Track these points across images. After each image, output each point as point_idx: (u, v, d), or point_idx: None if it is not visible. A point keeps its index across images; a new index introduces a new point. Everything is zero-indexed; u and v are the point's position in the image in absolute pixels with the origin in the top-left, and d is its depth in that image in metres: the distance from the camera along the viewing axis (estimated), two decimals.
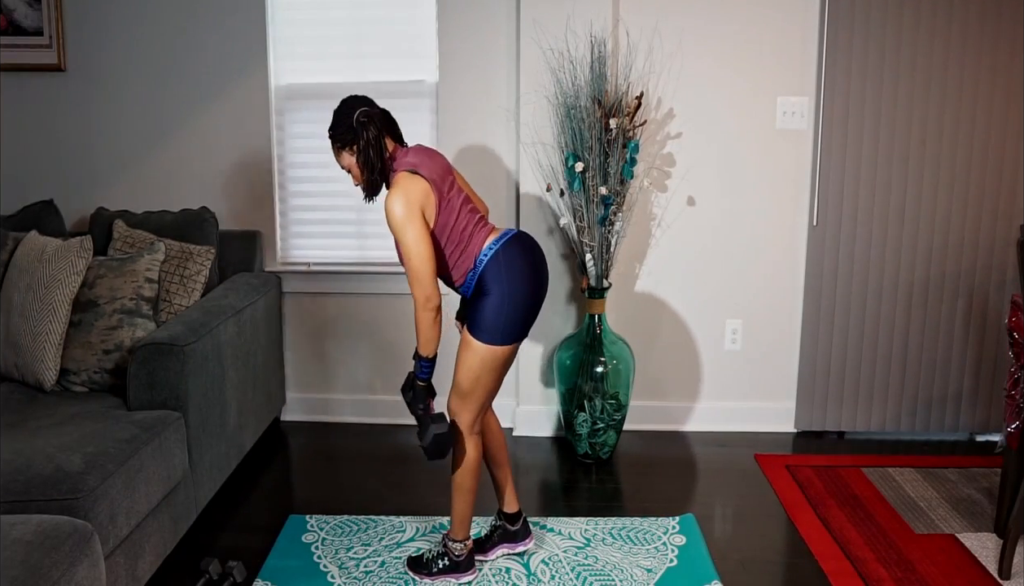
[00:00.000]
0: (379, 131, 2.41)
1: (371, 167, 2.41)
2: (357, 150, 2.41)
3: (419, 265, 2.31)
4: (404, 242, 2.32)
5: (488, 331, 2.40)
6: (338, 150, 2.45)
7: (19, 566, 1.59)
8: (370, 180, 2.43)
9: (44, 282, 2.85)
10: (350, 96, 2.46)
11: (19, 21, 3.62)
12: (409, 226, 2.31)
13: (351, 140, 2.41)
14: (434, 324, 2.35)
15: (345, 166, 2.47)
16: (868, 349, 3.64)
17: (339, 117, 2.43)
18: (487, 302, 2.40)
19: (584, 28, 3.40)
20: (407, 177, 2.36)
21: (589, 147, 3.26)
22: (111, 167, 3.73)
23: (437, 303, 2.34)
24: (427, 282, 2.32)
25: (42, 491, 2.13)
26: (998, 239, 3.56)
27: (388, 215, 2.31)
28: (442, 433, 2.41)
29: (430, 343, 2.38)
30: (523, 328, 2.45)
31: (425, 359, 2.40)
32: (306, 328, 3.83)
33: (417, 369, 2.43)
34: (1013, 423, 2.69)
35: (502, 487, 2.72)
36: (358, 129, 2.39)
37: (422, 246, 2.31)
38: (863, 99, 3.48)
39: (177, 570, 2.66)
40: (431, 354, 2.39)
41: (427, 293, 2.32)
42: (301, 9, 3.62)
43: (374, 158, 2.40)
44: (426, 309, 2.33)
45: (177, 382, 2.67)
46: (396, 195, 2.32)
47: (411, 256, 2.31)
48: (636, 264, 3.68)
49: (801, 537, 2.88)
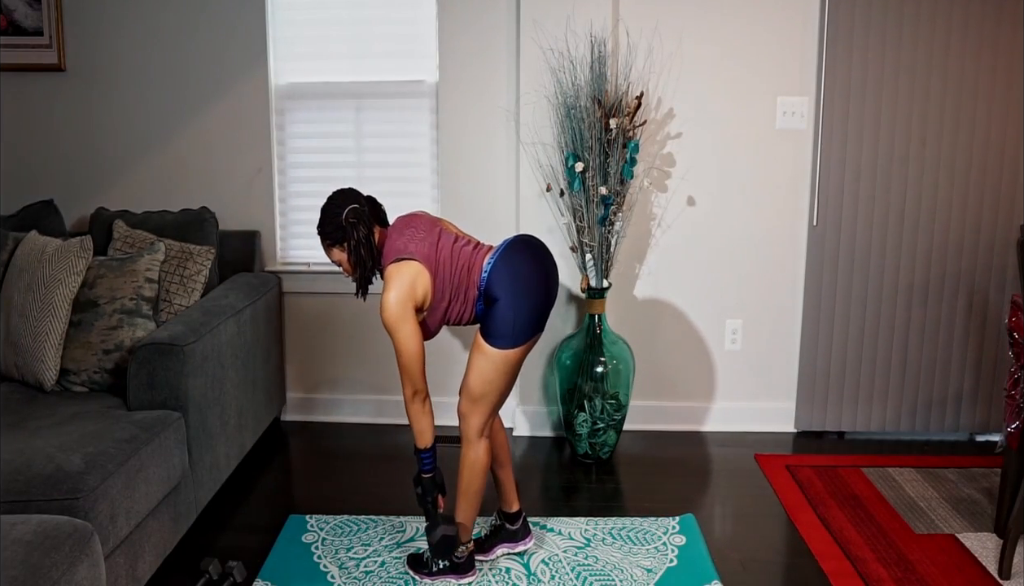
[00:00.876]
0: (368, 229, 2.45)
1: (362, 265, 2.46)
2: (348, 249, 2.45)
3: (408, 362, 2.38)
4: (396, 340, 2.37)
5: (501, 336, 2.42)
6: (328, 247, 2.49)
7: (19, 566, 1.59)
8: (361, 277, 2.48)
9: (44, 282, 2.85)
10: (337, 192, 2.48)
11: (19, 21, 3.62)
12: (401, 325, 2.36)
13: (341, 238, 2.45)
14: (424, 414, 2.43)
15: (335, 261, 2.51)
16: (868, 349, 3.64)
17: (328, 215, 2.46)
18: (497, 309, 2.42)
19: (584, 28, 3.40)
20: (397, 269, 2.39)
21: (589, 147, 3.26)
22: (111, 167, 3.73)
23: (424, 394, 2.43)
24: (415, 377, 2.40)
25: (42, 491, 2.13)
26: (998, 239, 3.56)
27: (383, 314, 2.36)
28: (449, 536, 2.48)
29: (424, 434, 2.44)
30: (536, 326, 2.47)
31: (424, 451, 2.45)
32: (306, 328, 3.83)
33: (418, 463, 2.48)
34: (1013, 423, 2.69)
35: (504, 486, 2.72)
36: (348, 228, 2.43)
37: (412, 344, 2.37)
38: (863, 99, 3.48)
39: (177, 570, 2.66)
40: (427, 445, 2.45)
41: (415, 387, 2.41)
42: (301, 9, 3.62)
43: (365, 256, 2.45)
44: (414, 402, 2.42)
45: (177, 382, 2.67)
46: (388, 294, 2.36)
47: (401, 353, 2.38)
48: (636, 264, 3.68)
49: (801, 537, 2.88)
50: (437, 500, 2.50)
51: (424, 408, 2.43)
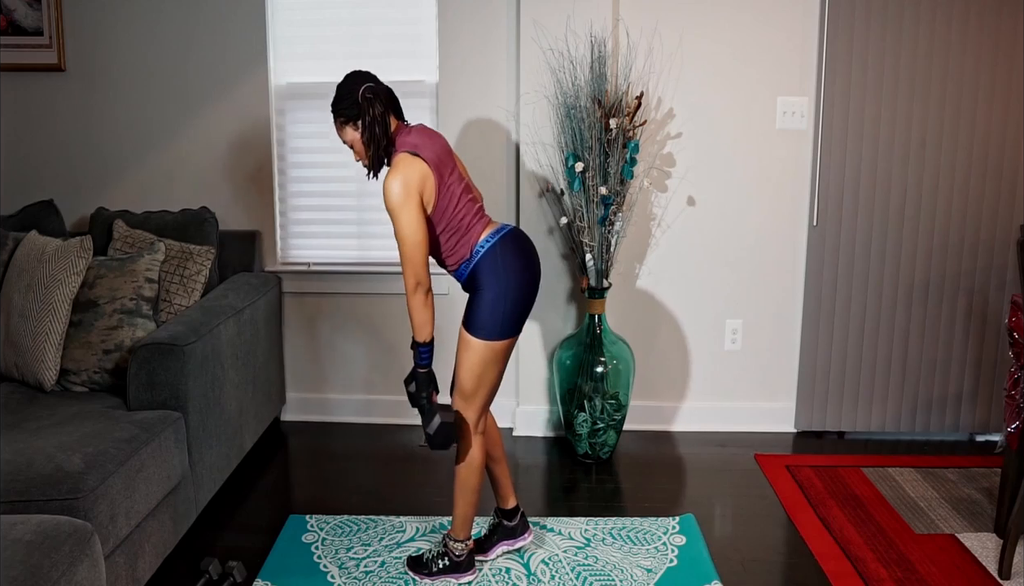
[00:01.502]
0: (384, 108, 2.41)
1: (376, 143, 2.40)
2: (362, 126, 2.39)
3: (411, 249, 2.31)
4: (399, 225, 2.31)
5: (485, 328, 2.41)
6: (341, 125, 2.43)
7: (19, 566, 1.59)
8: (375, 156, 2.41)
9: (44, 282, 2.85)
10: (354, 71, 2.44)
11: (19, 21, 3.62)
12: (405, 209, 2.30)
13: (355, 115, 2.39)
14: (425, 306, 2.35)
15: (347, 141, 2.45)
16: (868, 349, 3.64)
17: (343, 91, 2.41)
18: (483, 299, 2.41)
19: (584, 28, 3.40)
20: (407, 158, 2.34)
21: (589, 147, 3.26)
22: (111, 167, 3.73)
23: (427, 286, 2.35)
24: (418, 266, 2.32)
25: (42, 491, 2.13)
26: (998, 239, 3.56)
27: (385, 196, 2.30)
28: (448, 423, 2.40)
29: (424, 327, 2.37)
30: (519, 322, 2.46)
31: (423, 345, 2.39)
32: (306, 328, 3.83)
33: (416, 357, 2.42)
34: (1013, 423, 2.69)
35: (500, 483, 2.72)
36: (363, 104, 2.38)
37: (416, 230, 2.31)
38: (863, 99, 3.48)
39: (177, 570, 2.66)
40: (427, 338, 2.38)
41: (418, 277, 2.33)
42: (301, 9, 3.62)
43: (379, 134, 2.39)
44: (416, 293, 2.34)
45: (177, 382, 2.67)
46: (395, 177, 2.31)
47: (404, 239, 2.32)
48: (636, 264, 3.68)
49: (801, 537, 2.88)
50: (432, 396, 2.44)
51: (426, 301, 2.35)
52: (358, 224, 3.76)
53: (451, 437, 2.42)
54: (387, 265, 3.74)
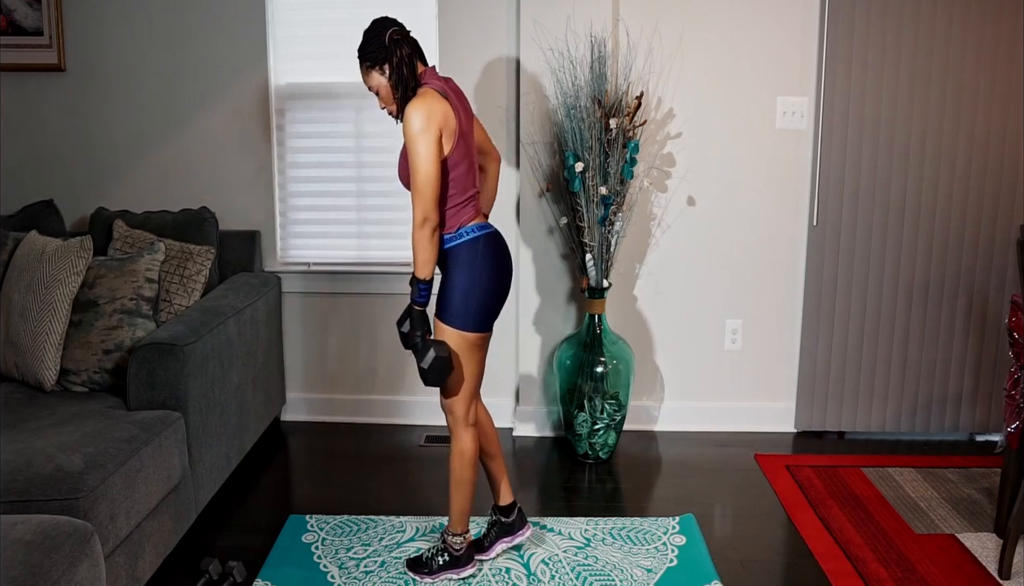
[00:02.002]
0: (412, 50, 2.41)
1: (404, 85, 2.39)
2: (390, 68, 2.39)
3: (423, 181, 2.31)
4: (414, 154, 2.30)
5: (457, 315, 2.43)
6: (367, 69, 2.42)
7: (19, 566, 1.59)
8: (403, 98, 2.40)
9: (44, 282, 2.85)
10: (380, 17, 2.44)
11: (19, 21, 3.62)
12: (423, 138, 2.29)
13: (383, 59, 2.39)
14: (431, 243, 2.35)
15: (373, 86, 2.44)
16: (868, 349, 3.64)
17: (370, 36, 2.41)
18: (455, 286, 2.42)
19: (584, 28, 3.40)
20: (434, 94, 2.35)
21: (589, 147, 3.26)
22: (111, 167, 3.73)
23: (436, 223, 2.34)
24: (428, 200, 2.31)
25: (42, 491, 2.13)
26: (998, 239, 3.56)
27: (405, 123, 2.30)
28: (441, 357, 2.38)
29: (427, 264, 2.37)
30: (489, 319, 2.49)
31: (423, 282, 2.38)
32: (306, 328, 3.83)
33: (415, 293, 2.40)
34: (1013, 423, 2.69)
35: (496, 479, 2.72)
36: (391, 47, 2.38)
37: (430, 163, 2.30)
38: (863, 99, 3.48)
39: (177, 570, 2.66)
40: (428, 276, 2.38)
41: (426, 212, 2.32)
42: (301, 9, 3.62)
43: (407, 75, 2.39)
44: (424, 227, 2.33)
45: (177, 382, 2.67)
46: (418, 107, 2.30)
47: (418, 170, 2.31)
48: (636, 264, 3.68)
49: (801, 537, 2.88)
50: (425, 334, 2.42)
51: (432, 237, 2.34)
52: (358, 224, 3.76)
53: (445, 370, 2.41)
54: (387, 265, 3.74)
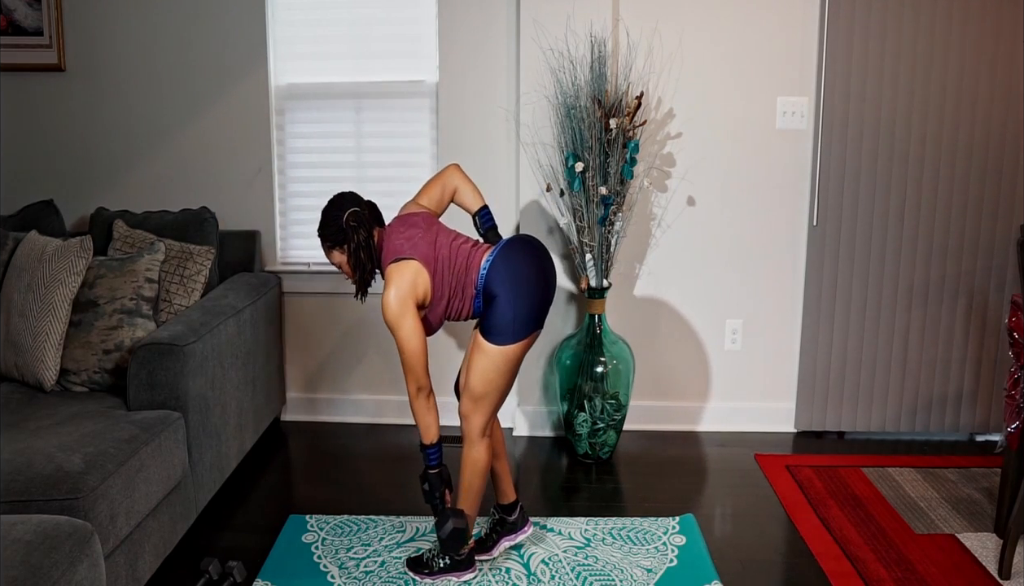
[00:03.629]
0: (368, 232, 2.49)
1: (362, 268, 2.50)
2: (348, 251, 2.49)
3: (411, 358, 2.40)
4: (398, 337, 2.40)
5: (500, 333, 2.43)
6: (328, 249, 2.54)
7: (19, 566, 1.59)
8: (361, 279, 2.51)
9: (44, 282, 2.85)
10: (337, 195, 2.53)
11: (19, 21, 3.62)
12: (403, 322, 2.38)
13: (341, 241, 2.49)
14: (428, 410, 2.46)
15: (335, 263, 2.56)
16: (868, 349, 3.64)
17: (328, 218, 2.50)
18: (496, 305, 2.44)
19: (584, 28, 3.40)
20: (397, 270, 2.41)
21: (589, 147, 3.26)
22: (111, 167, 3.73)
23: (428, 390, 2.45)
24: (419, 373, 2.42)
25: (42, 491, 2.13)
26: (998, 239, 3.56)
27: (384, 312, 2.39)
28: (460, 528, 2.47)
29: (429, 429, 2.47)
30: (535, 323, 2.48)
31: (430, 447, 2.48)
32: (306, 328, 3.83)
33: (425, 459, 2.50)
34: (1013, 423, 2.69)
35: (500, 477, 2.73)
36: (348, 231, 2.47)
37: (415, 340, 2.39)
38: (863, 99, 3.48)
39: (177, 570, 2.66)
40: (433, 440, 2.47)
41: (419, 383, 2.43)
42: (301, 9, 3.62)
43: (364, 259, 2.49)
44: (419, 398, 2.44)
45: (177, 382, 2.67)
46: (389, 293, 2.39)
47: (404, 350, 2.40)
48: (636, 264, 3.68)
49: (801, 537, 2.88)
50: (444, 495, 2.52)
51: (429, 403, 2.45)
52: None
53: (462, 541, 2.50)
54: None
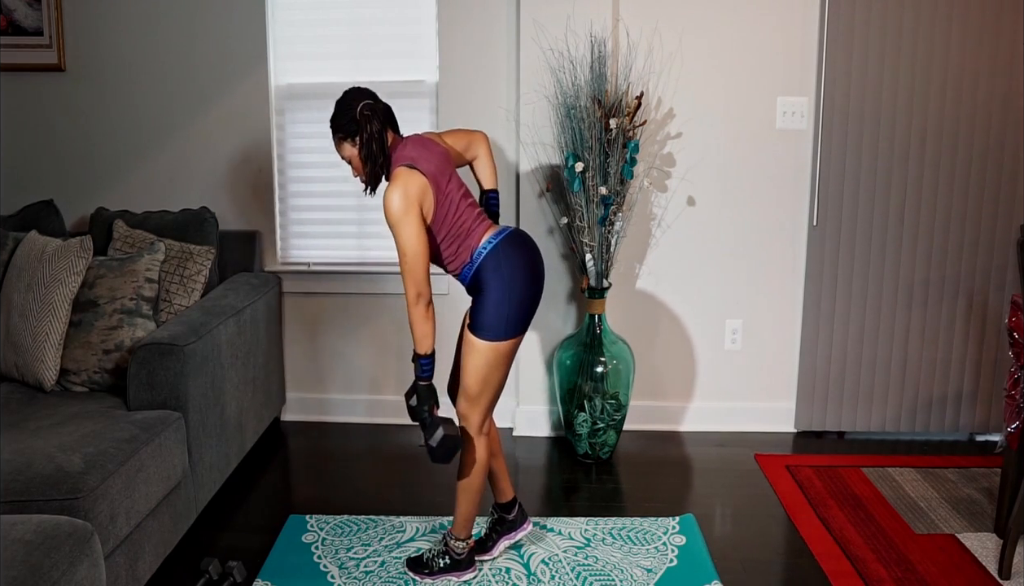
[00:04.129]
0: (382, 125, 2.43)
1: (373, 160, 2.42)
2: (360, 142, 2.42)
3: (412, 261, 2.34)
4: (399, 237, 2.33)
5: (491, 328, 2.42)
6: (339, 141, 2.46)
7: (19, 566, 1.59)
8: (372, 173, 2.44)
9: (44, 282, 2.85)
10: (353, 88, 2.47)
11: (19, 21, 3.62)
12: (405, 221, 2.32)
13: (353, 132, 2.42)
14: (426, 319, 2.37)
15: (346, 157, 2.48)
16: (868, 349, 3.64)
17: (342, 108, 2.43)
18: (487, 299, 2.42)
19: (584, 28, 3.40)
20: (406, 172, 2.36)
21: (589, 147, 3.26)
22: (111, 167, 3.73)
23: (428, 298, 2.37)
24: (419, 278, 2.34)
25: (42, 491, 2.13)
26: (998, 239, 3.56)
27: (386, 210, 2.33)
28: (451, 436, 2.40)
29: (425, 339, 2.39)
30: (524, 321, 2.47)
31: (424, 357, 2.41)
32: (306, 328, 3.83)
33: (418, 370, 2.43)
34: (1013, 423, 2.69)
35: (498, 477, 2.72)
36: (361, 122, 2.40)
37: (416, 243, 2.33)
38: (863, 99, 3.48)
39: (177, 570, 2.66)
40: (428, 350, 2.40)
41: (419, 289, 2.35)
42: (301, 9, 3.62)
43: (376, 151, 2.41)
44: (417, 305, 2.36)
45: (177, 382, 2.67)
46: (394, 190, 2.33)
47: (405, 252, 2.34)
48: (636, 264, 3.68)
49: (801, 537, 2.88)
50: (432, 409, 2.44)
51: (428, 313, 2.38)
52: (358, 224, 3.76)
53: (454, 450, 2.43)
54: (387, 265, 3.74)
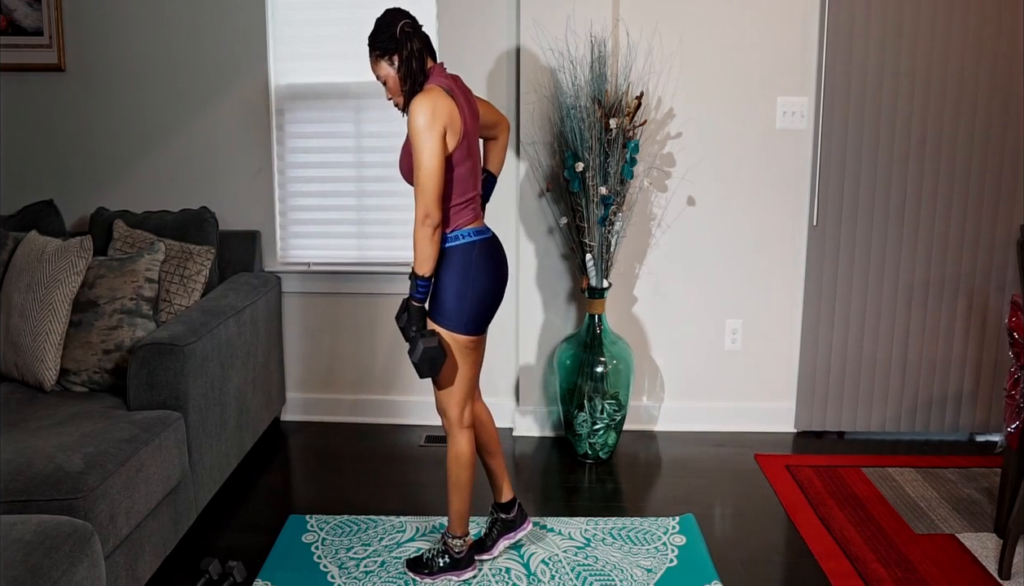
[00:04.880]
0: (422, 44, 2.40)
1: (413, 78, 2.38)
2: (399, 60, 2.38)
3: (426, 178, 2.30)
4: (418, 150, 2.29)
5: (449, 317, 2.43)
6: (376, 58, 2.42)
7: (19, 566, 1.59)
8: (409, 91, 2.39)
9: (44, 282, 2.85)
10: (393, 7, 2.44)
11: (19, 21, 3.62)
12: (428, 134, 2.28)
13: (392, 49, 2.38)
14: (432, 241, 2.34)
15: (381, 76, 2.44)
16: (868, 349, 3.64)
17: (382, 26, 2.40)
18: (447, 288, 2.42)
19: (584, 28, 3.40)
20: (439, 91, 2.34)
21: (589, 147, 3.26)
22: (111, 167, 3.73)
23: (437, 221, 2.33)
24: (430, 197, 2.30)
25: (42, 491, 2.13)
26: (998, 239, 3.56)
27: (411, 118, 2.29)
28: (433, 346, 2.38)
29: (427, 261, 2.36)
30: (483, 323, 2.49)
31: (422, 278, 2.38)
32: (306, 328, 3.83)
33: (413, 288, 2.40)
34: (1013, 423, 2.69)
35: (497, 476, 2.72)
36: (402, 39, 2.37)
37: (434, 159, 2.29)
38: (863, 99, 3.48)
39: (177, 570, 2.66)
40: (428, 273, 2.37)
41: (428, 208, 2.31)
42: (301, 9, 3.62)
43: (416, 69, 2.38)
44: (425, 224, 2.32)
45: (177, 382, 2.67)
46: (424, 103, 2.30)
47: (421, 167, 2.30)
48: (636, 264, 3.68)
49: (801, 537, 2.88)
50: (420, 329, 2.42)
51: (434, 236, 2.33)
52: (358, 224, 3.76)
53: (437, 361, 2.40)
54: (387, 265, 3.74)
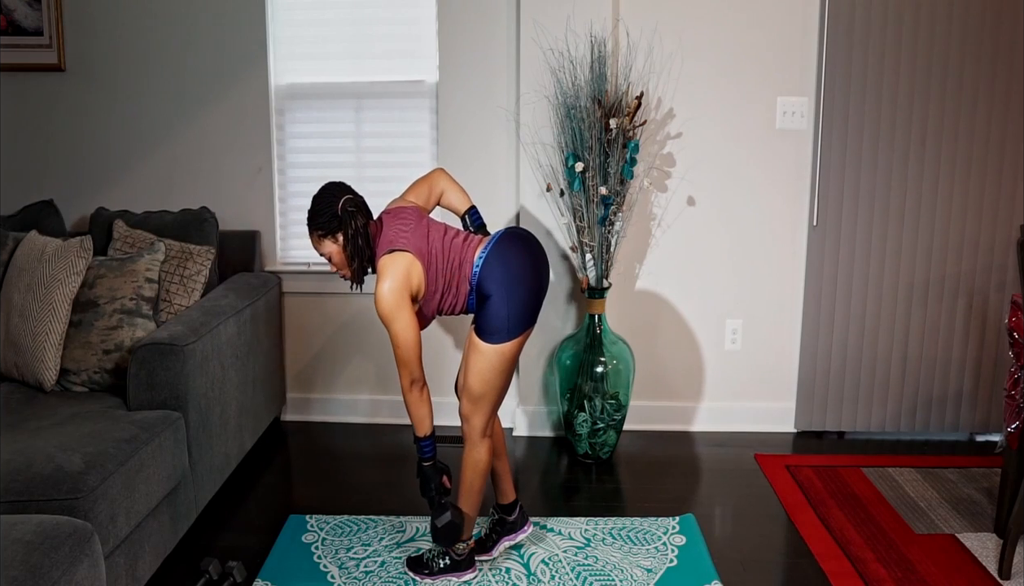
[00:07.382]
0: (365, 220, 2.42)
1: (360, 255, 2.42)
2: (345, 239, 2.40)
3: (405, 353, 2.36)
4: (392, 331, 2.35)
5: (495, 332, 2.42)
6: (319, 238, 2.44)
7: (19, 566, 1.59)
8: (359, 268, 2.44)
9: (44, 282, 2.85)
10: (329, 183, 2.46)
11: (19, 21, 3.62)
12: (397, 315, 2.33)
13: (335, 228, 2.40)
14: (422, 402, 2.42)
15: (325, 253, 2.45)
16: (868, 349, 3.64)
17: (321, 206, 2.41)
18: (490, 304, 2.42)
19: (584, 28, 3.40)
20: (391, 261, 2.36)
21: (589, 147, 3.26)
22: (111, 167, 3.73)
23: (422, 382, 2.41)
24: (413, 366, 2.38)
25: (42, 491, 2.13)
26: (998, 239, 3.56)
27: (378, 305, 2.33)
28: (455, 522, 2.46)
29: (424, 421, 2.43)
30: (529, 319, 2.47)
31: (424, 439, 2.44)
32: (306, 328, 3.83)
33: (419, 452, 2.46)
34: (1013, 423, 2.69)
35: (501, 477, 2.73)
36: (344, 217, 2.39)
37: (409, 333, 2.35)
38: (863, 99, 3.48)
39: (177, 570, 2.66)
40: (427, 432, 2.43)
41: (413, 377, 2.39)
42: (301, 9, 3.62)
43: (362, 246, 2.41)
44: (412, 391, 2.40)
45: (177, 382, 2.67)
46: (384, 284, 2.33)
47: (399, 344, 2.36)
48: (636, 264, 3.68)
49: (801, 537, 2.88)
50: (442, 486, 2.48)
51: (422, 397, 2.41)
52: None
53: (457, 534, 2.49)
54: None
